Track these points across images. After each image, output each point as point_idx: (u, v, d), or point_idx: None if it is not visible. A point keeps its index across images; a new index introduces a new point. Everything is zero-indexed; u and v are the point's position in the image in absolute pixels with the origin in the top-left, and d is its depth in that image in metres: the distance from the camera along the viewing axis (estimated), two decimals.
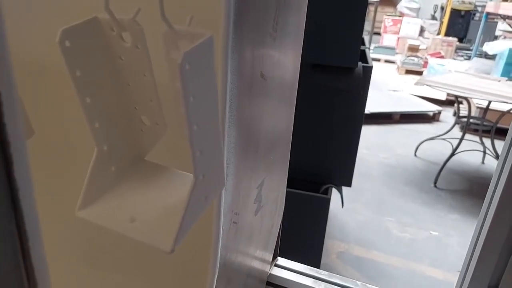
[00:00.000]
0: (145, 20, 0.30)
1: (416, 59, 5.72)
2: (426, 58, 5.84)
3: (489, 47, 5.36)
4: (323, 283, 0.80)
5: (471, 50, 6.81)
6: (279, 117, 0.69)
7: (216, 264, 0.52)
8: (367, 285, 0.79)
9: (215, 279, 0.52)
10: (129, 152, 0.35)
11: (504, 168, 0.70)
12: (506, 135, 0.71)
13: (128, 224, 0.31)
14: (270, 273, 0.86)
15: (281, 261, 0.88)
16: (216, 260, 0.52)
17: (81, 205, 0.32)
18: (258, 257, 0.76)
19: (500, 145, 3.01)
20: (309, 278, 0.82)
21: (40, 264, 0.22)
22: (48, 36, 0.44)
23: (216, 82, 0.30)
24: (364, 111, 1.62)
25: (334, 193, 1.73)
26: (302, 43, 0.76)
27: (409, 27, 7.47)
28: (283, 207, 0.87)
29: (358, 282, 0.80)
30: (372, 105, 3.75)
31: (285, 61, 0.64)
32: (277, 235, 0.86)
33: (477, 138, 2.97)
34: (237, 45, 0.40)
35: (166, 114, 0.34)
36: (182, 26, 0.28)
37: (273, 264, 0.87)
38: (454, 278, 0.93)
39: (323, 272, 0.82)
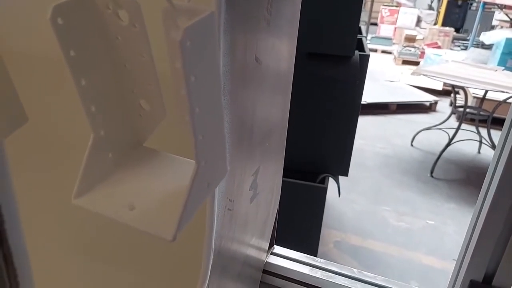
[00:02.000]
0: None
1: (413, 49, 5.71)
2: (423, 48, 5.82)
3: (486, 37, 5.35)
4: (319, 271, 0.80)
5: (468, 40, 6.80)
6: (274, 105, 0.68)
7: (211, 252, 0.51)
8: (364, 272, 0.79)
9: (210, 267, 0.51)
10: (127, 138, 0.34)
11: (501, 157, 0.69)
12: (502, 125, 0.70)
13: (127, 212, 0.30)
14: (266, 261, 0.86)
15: (277, 249, 0.87)
16: (211, 248, 0.51)
17: (78, 193, 0.31)
18: (254, 245, 0.76)
19: (496, 134, 3.02)
20: (306, 266, 0.82)
21: (22, 263, 0.21)
22: (40, 20, 0.43)
23: (219, 62, 0.28)
24: (360, 100, 1.61)
25: (331, 182, 1.73)
26: (297, 31, 0.75)
27: (406, 17, 7.44)
28: (279, 196, 0.87)
29: (354, 269, 0.80)
30: (369, 96, 3.74)
31: (280, 47, 0.63)
32: (273, 224, 0.86)
33: (473, 128, 2.98)
34: (229, 27, 0.38)
35: (165, 98, 0.33)
36: (182, 2, 0.27)
37: (270, 252, 0.87)
38: (451, 266, 0.93)
39: (319, 260, 0.82)
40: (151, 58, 0.29)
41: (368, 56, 1.52)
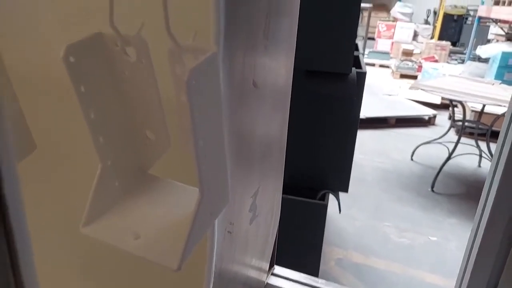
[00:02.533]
0: (147, 34, 0.29)
1: (410, 63, 5.76)
2: (420, 62, 5.88)
3: (482, 51, 5.40)
4: None
5: (465, 53, 6.87)
6: (272, 124, 0.68)
7: (211, 274, 0.51)
8: None
9: None
10: (133, 166, 0.35)
11: (497, 169, 0.70)
12: None
13: (132, 242, 0.30)
14: (267, 282, 0.85)
15: (277, 269, 0.87)
16: (211, 270, 0.51)
17: (86, 222, 0.31)
18: (255, 266, 0.75)
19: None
20: (306, 286, 0.81)
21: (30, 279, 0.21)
22: (51, 50, 0.44)
23: (221, 96, 0.29)
24: (359, 116, 1.62)
25: (331, 199, 1.72)
26: (294, 50, 0.76)
27: (403, 31, 7.54)
28: (279, 215, 0.86)
29: None
30: (367, 110, 3.76)
31: (278, 68, 0.64)
32: (273, 244, 0.85)
33: (472, 142, 2.98)
34: (228, 54, 0.39)
35: (169, 127, 0.33)
36: (187, 42, 0.28)
37: (270, 273, 0.86)
38: (454, 284, 0.92)
39: (320, 280, 0.81)
40: (156, 91, 0.30)
41: (365, 73, 1.54)
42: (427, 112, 4.13)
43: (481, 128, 2.97)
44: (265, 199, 0.71)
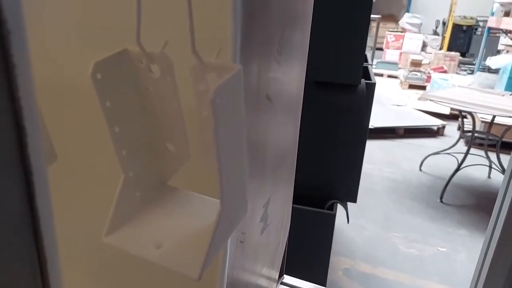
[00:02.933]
0: (170, 51, 0.30)
1: (419, 74, 5.75)
2: (429, 72, 5.87)
3: (492, 62, 5.38)
4: None
5: (474, 64, 6.84)
6: (284, 136, 0.70)
7: (224, 284, 0.52)
8: None
9: None
10: (153, 178, 0.36)
11: (511, 180, 0.70)
12: None
13: (154, 251, 0.31)
14: None
15: (287, 279, 0.87)
16: (224, 280, 0.52)
17: (108, 231, 0.32)
18: (265, 275, 0.76)
19: (506, 159, 2.99)
20: None
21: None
22: (75, 63, 0.46)
23: (243, 112, 0.30)
24: (368, 127, 1.63)
25: (339, 209, 1.72)
26: (306, 62, 0.77)
27: (411, 42, 7.54)
28: (289, 224, 0.87)
29: None
30: (375, 120, 3.76)
31: (290, 81, 0.65)
32: (283, 253, 0.86)
33: (482, 153, 2.96)
34: (243, 70, 0.41)
35: (190, 140, 0.34)
36: (211, 59, 0.29)
37: (280, 282, 0.87)
38: None
39: None
40: (178, 105, 0.31)
41: (374, 84, 1.55)
42: (436, 122, 4.12)
43: (491, 139, 2.95)
44: (276, 209, 0.73)
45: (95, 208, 0.42)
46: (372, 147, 3.56)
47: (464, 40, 8.07)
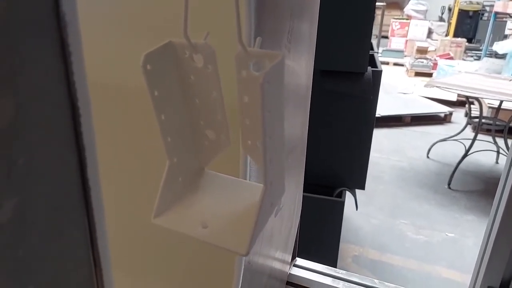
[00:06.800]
0: (212, 40, 0.32)
1: (425, 61, 5.71)
2: (435, 59, 5.82)
3: (499, 47, 5.32)
4: (341, 282, 0.82)
5: (481, 50, 6.77)
6: (294, 122, 0.72)
7: (241, 267, 0.55)
8: (385, 283, 0.81)
9: (240, 282, 0.55)
10: (194, 163, 0.38)
11: None
12: None
13: (201, 230, 0.33)
14: (289, 273, 0.88)
15: (299, 261, 0.90)
16: (241, 263, 0.54)
17: (157, 213, 0.34)
18: (278, 258, 0.79)
19: None
20: (328, 277, 0.84)
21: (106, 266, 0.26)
22: (123, 57, 0.49)
23: (284, 96, 0.32)
24: (375, 114, 1.64)
25: (348, 196, 1.75)
26: (314, 51, 0.79)
27: (417, 29, 7.46)
28: (301, 208, 0.90)
29: (375, 280, 0.82)
30: (382, 108, 3.76)
31: (299, 69, 0.67)
32: (295, 236, 0.89)
33: (490, 138, 2.96)
34: None
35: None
36: (253, 48, 0.31)
37: (292, 264, 0.90)
38: None
39: (341, 271, 0.84)
40: (220, 94, 0.33)
41: (380, 71, 1.56)
42: (443, 109, 4.10)
43: (499, 124, 2.94)
44: (289, 192, 0.75)
45: (141, 192, 0.45)
46: (379, 135, 3.56)
47: (471, 26, 7.97)
